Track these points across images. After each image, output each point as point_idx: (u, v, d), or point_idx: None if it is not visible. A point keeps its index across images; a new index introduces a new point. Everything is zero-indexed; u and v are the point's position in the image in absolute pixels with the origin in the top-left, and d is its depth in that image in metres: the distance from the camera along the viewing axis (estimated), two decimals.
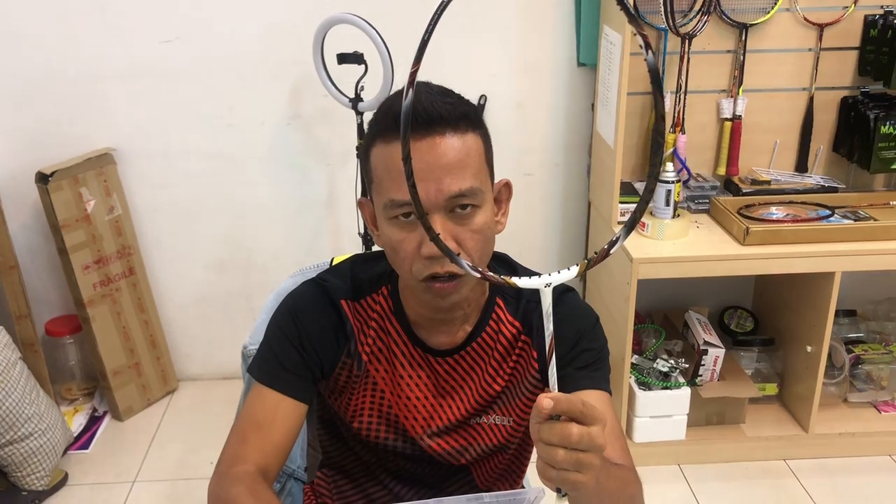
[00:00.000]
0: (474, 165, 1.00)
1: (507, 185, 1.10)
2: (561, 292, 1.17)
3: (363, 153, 1.05)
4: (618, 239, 0.78)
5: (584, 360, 1.13)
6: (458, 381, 1.17)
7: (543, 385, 1.19)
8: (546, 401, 0.80)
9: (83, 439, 2.58)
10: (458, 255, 0.99)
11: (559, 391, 1.12)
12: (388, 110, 1.00)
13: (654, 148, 0.72)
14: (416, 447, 1.20)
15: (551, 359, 0.82)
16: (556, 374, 0.83)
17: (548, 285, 0.80)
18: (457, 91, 1.04)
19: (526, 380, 1.17)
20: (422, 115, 0.96)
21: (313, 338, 1.13)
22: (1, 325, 2.33)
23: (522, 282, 0.81)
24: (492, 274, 0.82)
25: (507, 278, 0.82)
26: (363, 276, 1.17)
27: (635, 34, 0.72)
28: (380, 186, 1.01)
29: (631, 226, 0.77)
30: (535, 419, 0.82)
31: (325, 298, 1.15)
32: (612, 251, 0.79)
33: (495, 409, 1.19)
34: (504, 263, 1.21)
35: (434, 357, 1.16)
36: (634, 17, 0.73)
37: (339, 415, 1.21)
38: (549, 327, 0.81)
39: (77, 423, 2.64)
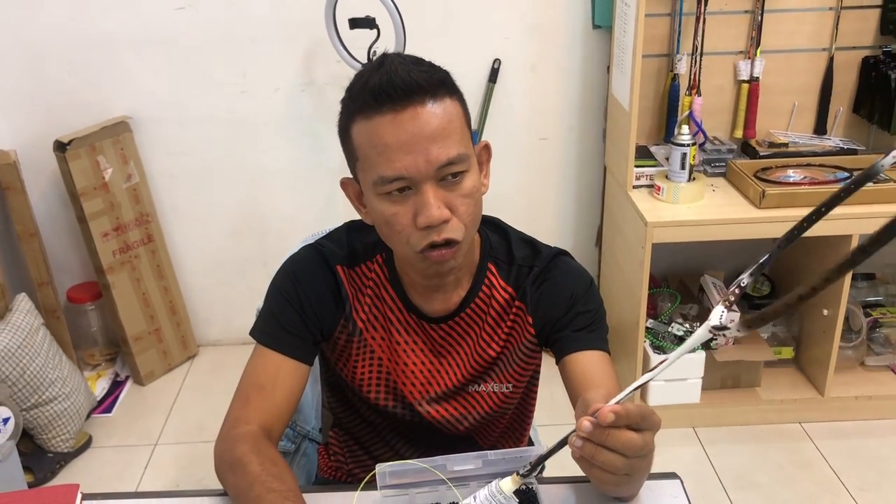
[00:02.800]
0: (458, 131, 1.00)
1: (487, 147, 1.10)
2: (554, 255, 1.18)
3: (342, 131, 1.04)
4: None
5: (581, 322, 1.13)
6: (454, 346, 1.18)
7: (541, 348, 1.20)
8: (610, 415, 0.80)
9: (106, 403, 2.64)
10: (449, 221, 1.00)
11: (561, 354, 1.14)
12: (365, 85, 0.98)
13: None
14: (415, 414, 1.22)
15: (643, 383, 0.83)
16: (629, 392, 0.83)
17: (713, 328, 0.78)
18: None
19: (522, 345, 1.18)
20: (400, 85, 0.95)
21: (313, 300, 1.15)
22: (23, 292, 2.38)
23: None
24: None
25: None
26: (358, 244, 1.18)
27: None
28: (366, 163, 1.00)
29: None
30: (580, 410, 0.85)
31: (322, 262, 1.17)
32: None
33: (492, 377, 1.20)
34: (495, 227, 1.21)
35: (429, 323, 1.17)
36: None
37: (344, 379, 1.23)
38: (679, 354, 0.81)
39: (100, 387, 2.69)
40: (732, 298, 0.75)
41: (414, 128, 0.96)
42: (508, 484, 0.90)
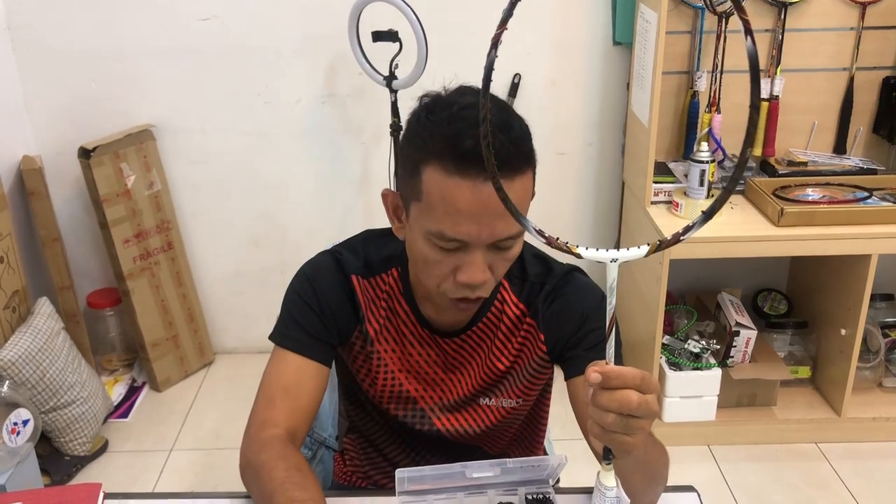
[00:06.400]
0: (524, 206, 0.99)
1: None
2: (567, 272, 1.18)
3: (410, 162, 1.00)
4: (693, 225, 0.79)
5: (592, 340, 1.13)
6: (466, 357, 1.20)
7: (552, 364, 1.20)
8: (594, 374, 0.80)
9: (123, 408, 2.66)
10: (486, 282, 1.01)
11: (573, 373, 1.14)
12: (455, 140, 0.94)
13: (747, 139, 0.73)
14: (424, 423, 1.23)
15: (610, 333, 0.83)
16: (612, 348, 0.83)
17: (614, 260, 0.81)
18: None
19: (532, 360, 1.19)
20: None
21: (331, 302, 1.16)
22: (45, 296, 2.40)
23: (588, 253, 0.81)
24: (559, 241, 0.81)
25: (571, 246, 0.81)
26: (374, 255, 1.19)
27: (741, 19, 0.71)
28: (429, 212, 0.98)
29: (709, 214, 0.78)
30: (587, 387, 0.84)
31: (339, 269, 1.18)
32: (684, 237, 0.80)
33: (502, 391, 1.21)
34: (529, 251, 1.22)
35: (441, 337, 1.18)
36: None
37: (359, 385, 1.25)
38: (611, 301, 0.82)
39: (117, 392, 2.71)
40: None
41: (489, 201, 0.93)
42: (609, 476, 0.88)
